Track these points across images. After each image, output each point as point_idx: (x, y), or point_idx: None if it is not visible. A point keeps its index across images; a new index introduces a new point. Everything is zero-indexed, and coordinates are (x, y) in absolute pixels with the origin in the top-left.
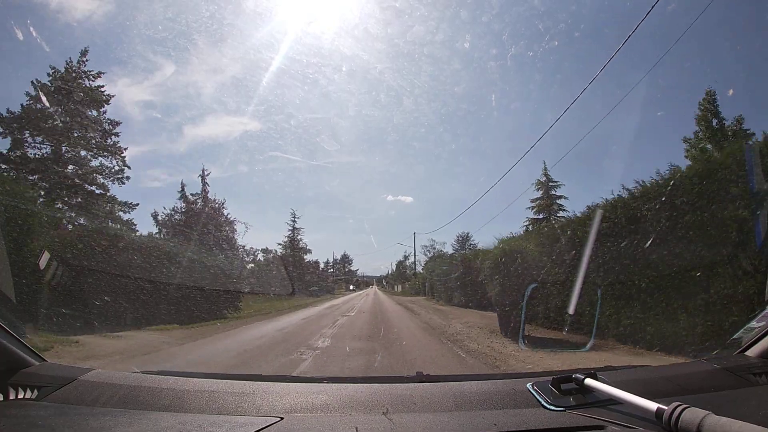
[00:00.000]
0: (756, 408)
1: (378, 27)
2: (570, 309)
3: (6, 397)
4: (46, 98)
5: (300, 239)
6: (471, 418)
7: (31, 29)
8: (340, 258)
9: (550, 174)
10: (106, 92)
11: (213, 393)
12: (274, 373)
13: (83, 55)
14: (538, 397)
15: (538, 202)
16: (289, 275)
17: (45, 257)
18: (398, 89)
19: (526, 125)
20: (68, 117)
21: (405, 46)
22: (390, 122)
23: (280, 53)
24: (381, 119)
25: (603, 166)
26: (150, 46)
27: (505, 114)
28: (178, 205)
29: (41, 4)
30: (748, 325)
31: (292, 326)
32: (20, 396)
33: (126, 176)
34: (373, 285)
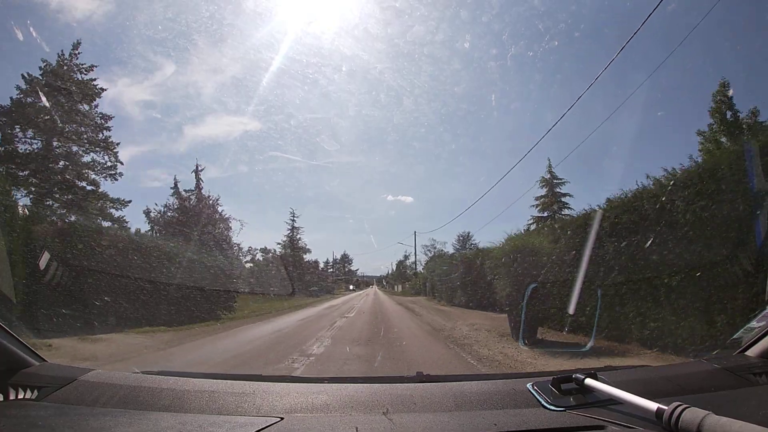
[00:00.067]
0: (756, 408)
1: (378, 27)
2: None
3: (6, 397)
4: (37, 91)
5: (299, 238)
6: (471, 418)
7: (30, 29)
8: (339, 258)
9: (554, 171)
10: (99, 85)
11: (213, 393)
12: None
13: (75, 47)
14: (538, 397)
15: (542, 199)
16: (288, 275)
17: (45, 257)
18: (398, 89)
19: (526, 125)
20: (59, 110)
21: (405, 46)
22: (390, 122)
23: (280, 53)
24: (381, 119)
25: (603, 166)
26: (150, 46)
27: (505, 114)
28: (171, 202)
29: (41, 3)
30: (748, 325)
31: (287, 328)
32: (20, 396)
33: (119, 172)
34: (373, 285)
